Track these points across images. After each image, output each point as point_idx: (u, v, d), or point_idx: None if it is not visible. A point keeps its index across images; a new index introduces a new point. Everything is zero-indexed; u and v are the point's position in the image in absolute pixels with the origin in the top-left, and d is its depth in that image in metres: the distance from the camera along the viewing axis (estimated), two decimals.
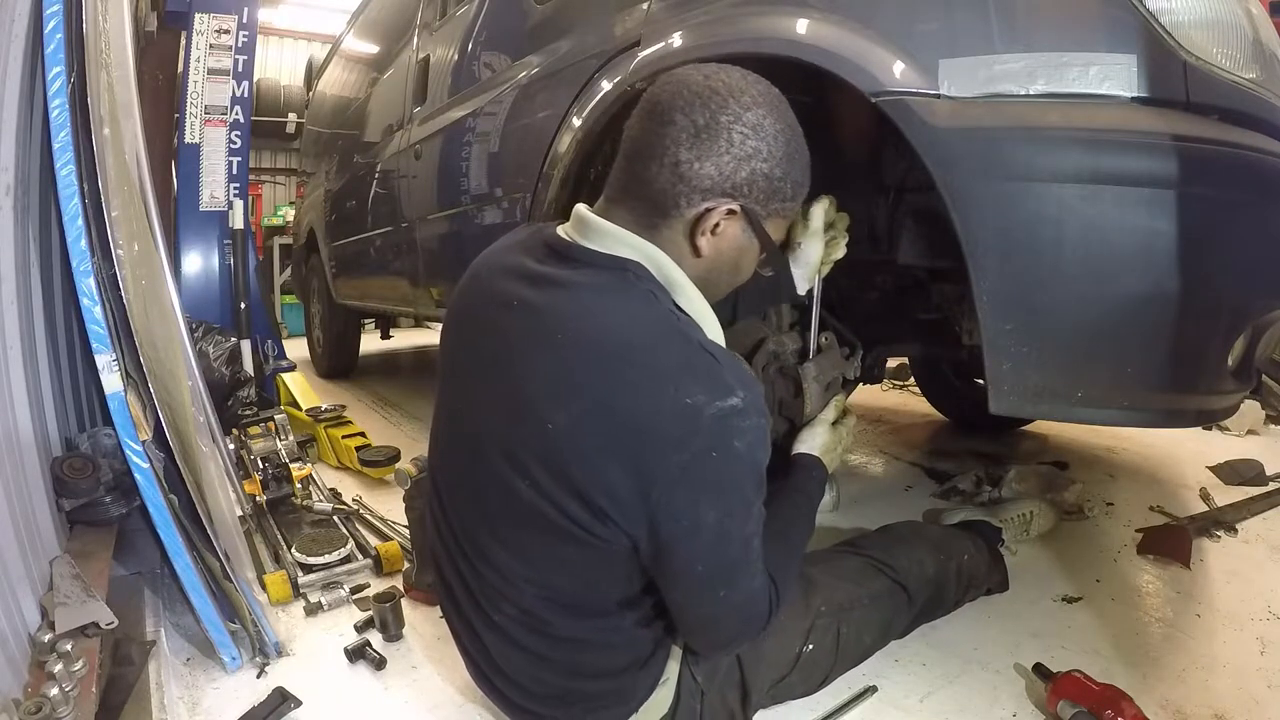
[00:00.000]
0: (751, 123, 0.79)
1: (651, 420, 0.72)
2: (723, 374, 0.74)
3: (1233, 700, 1.07)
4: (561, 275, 0.81)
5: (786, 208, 0.85)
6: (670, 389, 0.72)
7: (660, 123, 0.79)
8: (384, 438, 2.43)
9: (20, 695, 0.96)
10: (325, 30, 6.54)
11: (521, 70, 1.82)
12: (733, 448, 0.73)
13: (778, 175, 0.81)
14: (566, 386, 0.76)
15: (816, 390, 1.21)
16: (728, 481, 0.75)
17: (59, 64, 1.35)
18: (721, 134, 0.78)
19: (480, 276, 0.91)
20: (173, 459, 1.30)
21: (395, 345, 5.27)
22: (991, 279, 0.94)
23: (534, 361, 0.78)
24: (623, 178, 0.84)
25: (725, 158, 0.78)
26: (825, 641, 1.04)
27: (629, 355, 0.74)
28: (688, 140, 0.78)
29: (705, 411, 0.71)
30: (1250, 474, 1.98)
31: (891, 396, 3.15)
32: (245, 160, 3.10)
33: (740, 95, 0.79)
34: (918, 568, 1.18)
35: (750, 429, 0.74)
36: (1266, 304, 1.01)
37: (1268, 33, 1.01)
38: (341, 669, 1.22)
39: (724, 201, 0.80)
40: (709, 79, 0.80)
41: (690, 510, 0.74)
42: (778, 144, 0.81)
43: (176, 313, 1.52)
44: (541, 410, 0.76)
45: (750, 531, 0.79)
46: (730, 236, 0.83)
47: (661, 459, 0.72)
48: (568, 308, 0.79)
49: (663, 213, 0.81)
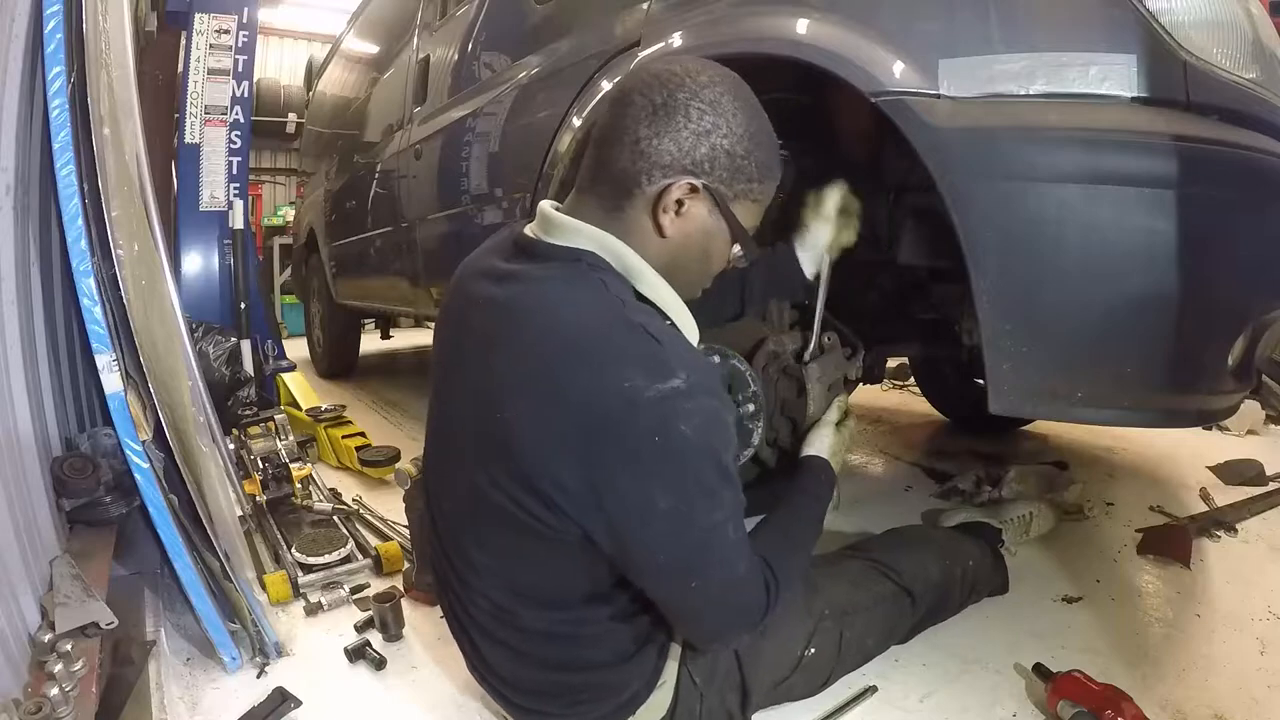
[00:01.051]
0: (709, 99, 0.79)
1: (592, 407, 0.72)
2: (663, 356, 0.73)
3: (1233, 700, 1.07)
4: (522, 270, 0.83)
5: (754, 189, 0.84)
6: (610, 374, 0.72)
7: (622, 105, 0.81)
8: (384, 438, 2.42)
9: (20, 695, 0.96)
10: (325, 30, 6.53)
11: (521, 70, 1.82)
12: (677, 431, 0.71)
13: (739, 153, 0.81)
14: (517, 380, 0.77)
15: (820, 390, 1.21)
16: (676, 466, 0.73)
17: (59, 64, 1.35)
18: (679, 110, 0.79)
19: (460, 280, 0.93)
20: (173, 459, 1.30)
21: (395, 345, 5.27)
22: (991, 279, 0.94)
23: (492, 357, 0.80)
24: (590, 165, 0.85)
25: (684, 133, 0.79)
26: (827, 645, 1.04)
27: (571, 343, 0.74)
28: (646, 118, 0.79)
29: (644, 394, 0.70)
30: (1250, 474, 1.98)
31: (891, 396, 3.15)
32: (245, 160, 3.10)
33: (697, 75, 0.80)
34: (922, 572, 1.17)
35: (696, 411, 0.72)
36: (1266, 304, 1.00)
37: (1268, 33, 1.01)
38: (341, 669, 1.22)
39: (684, 177, 0.80)
40: (669, 64, 0.82)
41: (639, 498, 0.73)
42: (737, 120, 0.81)
43: (176, 313, 1.52)
44: (497, 405, 0.77)
45: (718, 519, 0.77)
46: (695, 218, 0.83)
47: (604, 446, 0.72)
48: (523, 302, 0.80)
49: (626, 192, 0.81)
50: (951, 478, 1.94)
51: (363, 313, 3.79)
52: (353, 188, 3.21)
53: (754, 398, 1.18)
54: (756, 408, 1.18)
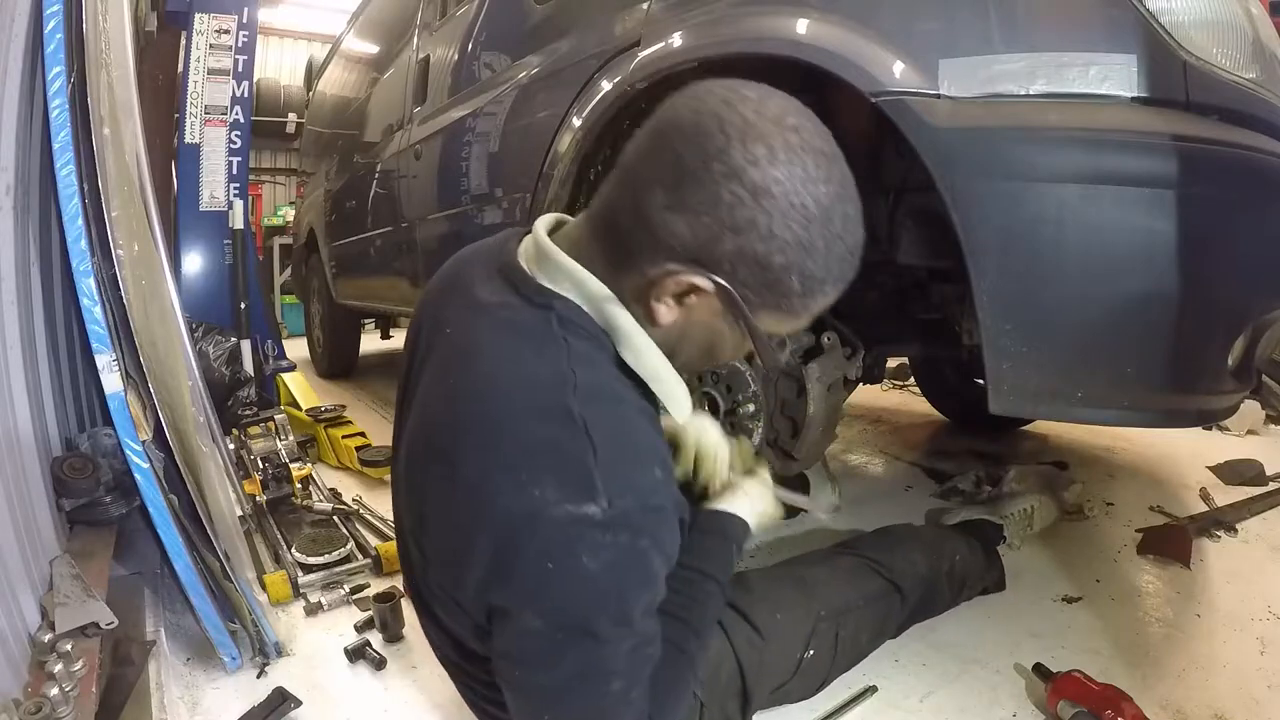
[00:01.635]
0: (753, 184, 0.58)
1: (490, 501, 0.60)
2: (590, 470, 0.58)
3: (1233, 700, 1.07)
4: (490, 303, 0.70)
5: (791, 304, 0.63)
6: (521, 472, 0.59)
7: (650, 147, 0.63)
8: (384, 438, 2.42)
9: (20, 695, 0.96)
10: (325, 30, 6.54)
11: (521, 70, 1.82)
12: (578, 562, 0.58)
13: (778, 263, 0.60)
14: (435, 441, 0.67)
15: (820, 391, 1.21)
16: (561, 599, 0.60)
17: (59, 64, 1.35)
18: (706, 186, 0.58)
19: (441, 282, 0.84)
20: (173, 459, 1.30)
21: (395, 345, 5.26)
22: (991, 279, 0.94)
23: (424, 402, 0.72)
24: (605, 195, 0.68)
25: (705, 219, 0.59)
26: (825, 646, 1.03)
27: (496, 420, 0.62)
28: (669, 180, 0.60)
29: (549, 511, 0.58)
30: (1250, 474, 1.98)
31: (891, 396, 3.15)
32: (245, 160, 3.10)
33: (752, 144, 0.58)
34: (911, 567, 1.17)
35: (610, 546, 0.58)
36: (1266, 304, 1.00)
37: (1268, 33, 1.01)
38: (341, 669, 1.22)
39: (692, 271, 0.61)
40: (728, 106, 0.60)
41: (515, 611, 0.62)
42: (787, 223, 0.59)
43: (176, 313, 1.52)
44: (417, 460, 0.71)
45: (601, 670, 0.63)
46: (702, 314, 0.66)
47: (486, 544, 0.61)
48: (469, 348, 0.68)
49: (630, 257, 0.65)
50: (951, 478, 1.94)
51: (363, 313, 3.79)
52: (353, 188, 3.21)
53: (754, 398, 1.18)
54: (756, 408, 1.19)
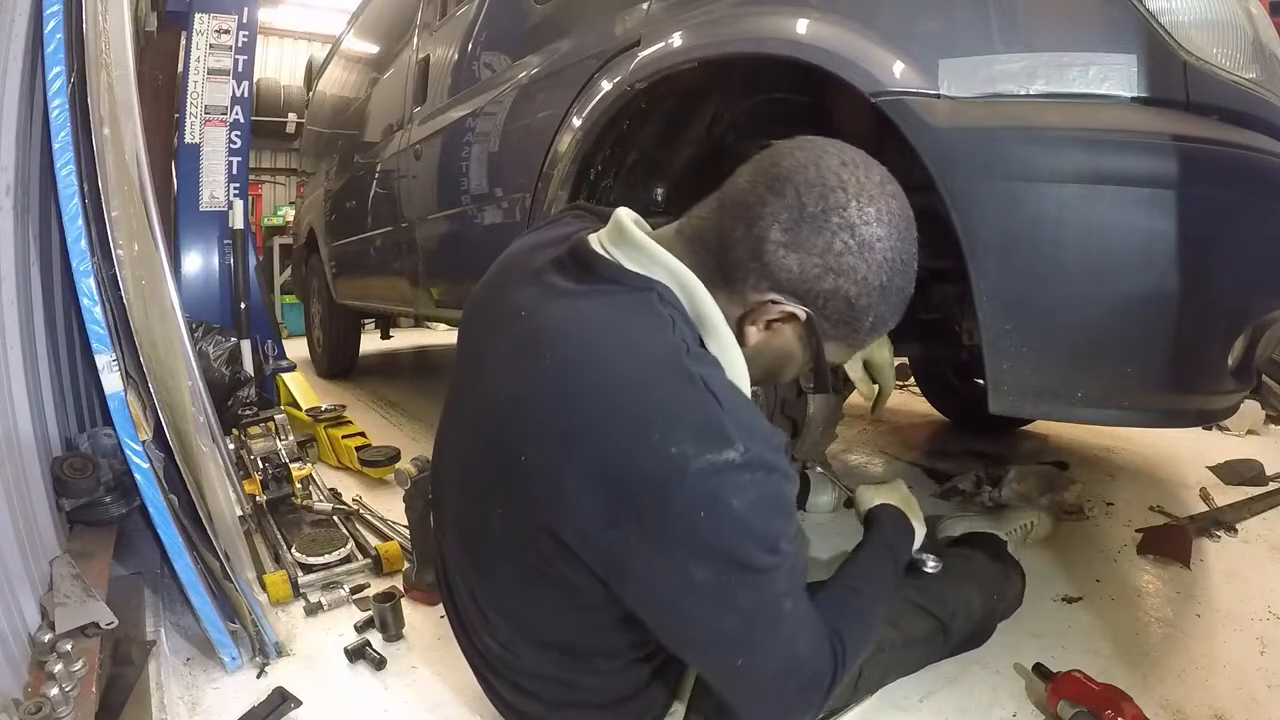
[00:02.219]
0: (863, 239, 0.69)
1: (629, 467, 0.63)
2: (720, 419, 0.64)
3: (1233, 700, 1.07)
4: (576, 289, 0.74)
5: (856, 339, 0.76)
6: (655, 434, 0.63)
7: (770, 188, 0.70)
8: (384, 438, 2.42)
9: (20, 695, 0.96)
10: (325, 30, 6.54)
11: (521, 70, 1.82)
12: (728, 506, 0.63)
13: (861, 305, 0.72)
14: (542, 417, 0.69)
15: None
16: (720, 543, 0.64)
17: (59, 64, 1.35)
18: (824, 233, 0.69)
19: (504, 270, 0.86)
20: (173, 459, 1.30)
21: (395, 345, 5.27)
22: (991, 279, 0.94)
23: (515, 382, 0.72)
24: (708, 221, 0.75)
25: (815, 260, 0.69)
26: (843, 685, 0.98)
27: (615, 387, 0.66)
28: (787, 220, 0.69)
29: (692, 464, 0.62)
30: (1250, 474, 1.98)
31: (891, 397, 3.15)
32: (245, 160, 3.10)
33: (865, 205, 0.69)
34: (964, 608, 1.09)
35: (751, 484, 0.63)
36: (1266, 304, 1.00)
37: (1268, 33, 1.01)
38: (341, 669, 1.22)
39: (792, 304, 0.71)
40: (844, 167, 0.70)
41: (674, 570, 0.65)
42: (878, 271, 0.71)
43: (176, 313, 1.52)
44: (516, 442, 0.70)
45: (769, 595, 0.68)
46: (783, 338, 0.75)
47: (640, 512, 0.64)
48: (564, 325, 0.71)
49: (728, 280, 0.73)
50: (951, 478, 1.94)
51: (363, 313, 3.80)
52: (353, 188, 3.21)
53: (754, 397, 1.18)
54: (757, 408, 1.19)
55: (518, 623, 0.82)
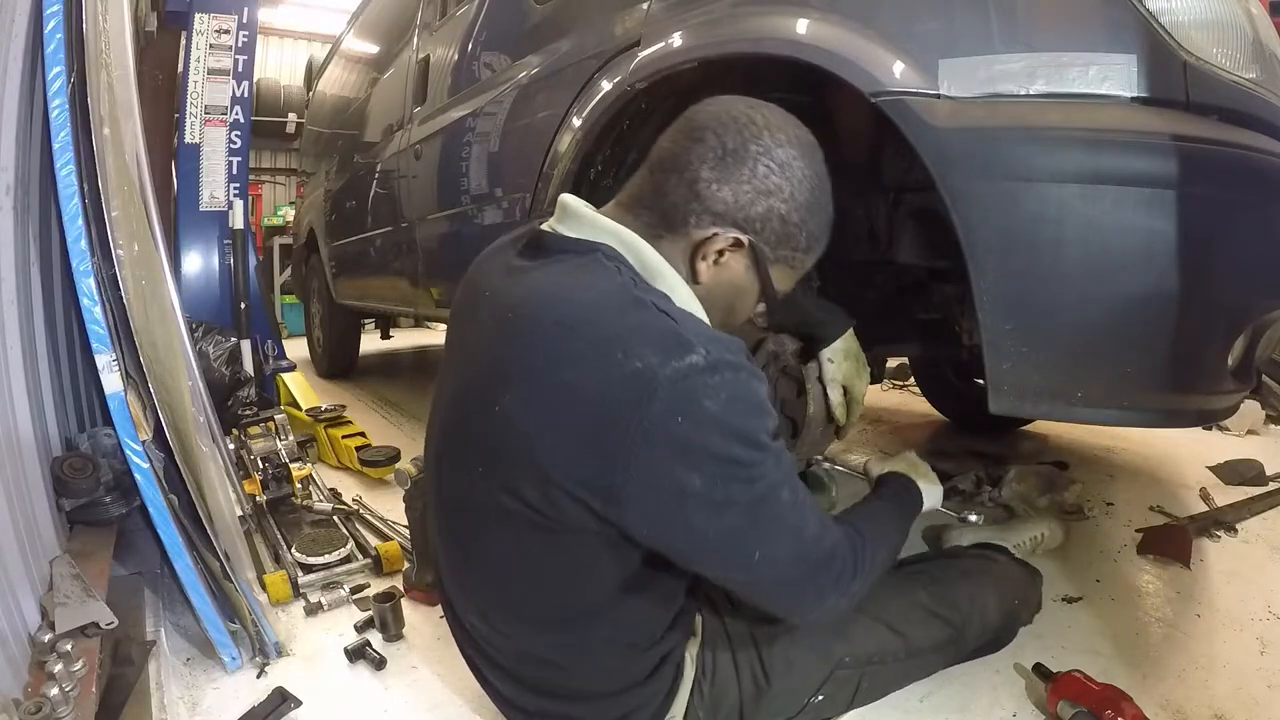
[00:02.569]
0: (780, 160, 0.78)
1: (600, 390, 0.67)
2: (679, 331, 0.69)
3: (1233, 700, 1.07)
4: (532, 264, 0.81)
5: (796, 258, 0.83)
6: (617, 354, 0.67)
7: (691, 139, 0.78)
8: (384, 438, 2.42)
9: (20, 695, 0.96)
10: (325, 30, 6.54)
11: (521, 70, 1.82)
12: (701, 407, 0.66)
13: (794, 220, 0.80)
14: (512, 367, 0.73)
15: (819, 390, 1.21)
16: (704, 444, 0.68)
17: (59, 64, 1.35)
18: (747, 162, 0.77)
19: (472, 274, 0.91)
20: (173, 459, 1.30)
21: (395, 345, 5.27)
22: (991, 279, 0.94)
23: (483, 346, 0.78)
24: (640, 185, 0.83)
25: (745, 187, 0.77)
26: (840, 693, 0.96)
27: (572, 324, 0.71)
28: (713, 160, 0.77)
29: (660, 373, 0.66)
30: (1250, 474, 1.98)
31: (891, 396, 3.15)
32: (245, 160, 3.11)
33: (775, 132, 0.78)
34: (979, 615, 1.06)
35: (721, 385, 0.67)
36: (1266, 304, 1.00)
37: (1268, 33, 1.01)
38: (341, 669, 1.22)
39: (733, 231, 0.78)
40: (751, 109, 0.79)
41: (669, 482, 0.68)
42: (801, 189, 0.79)
43: (176, 313, 1.52)
44: (488, 395, 0.74)
45: (764, 488, 0.72)
46: (731, 270, 0.81)
47: (619, 431, 0.66)
48: (524, 291, 0.77)
49: (670, 226, 0.80)
50: (951, 478, 1.94)
51: (363, 313, 3.80)
52: (353, 188, 3.21)
53: None
54: None
55: (509, 595, 0.82)
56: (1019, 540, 1.46)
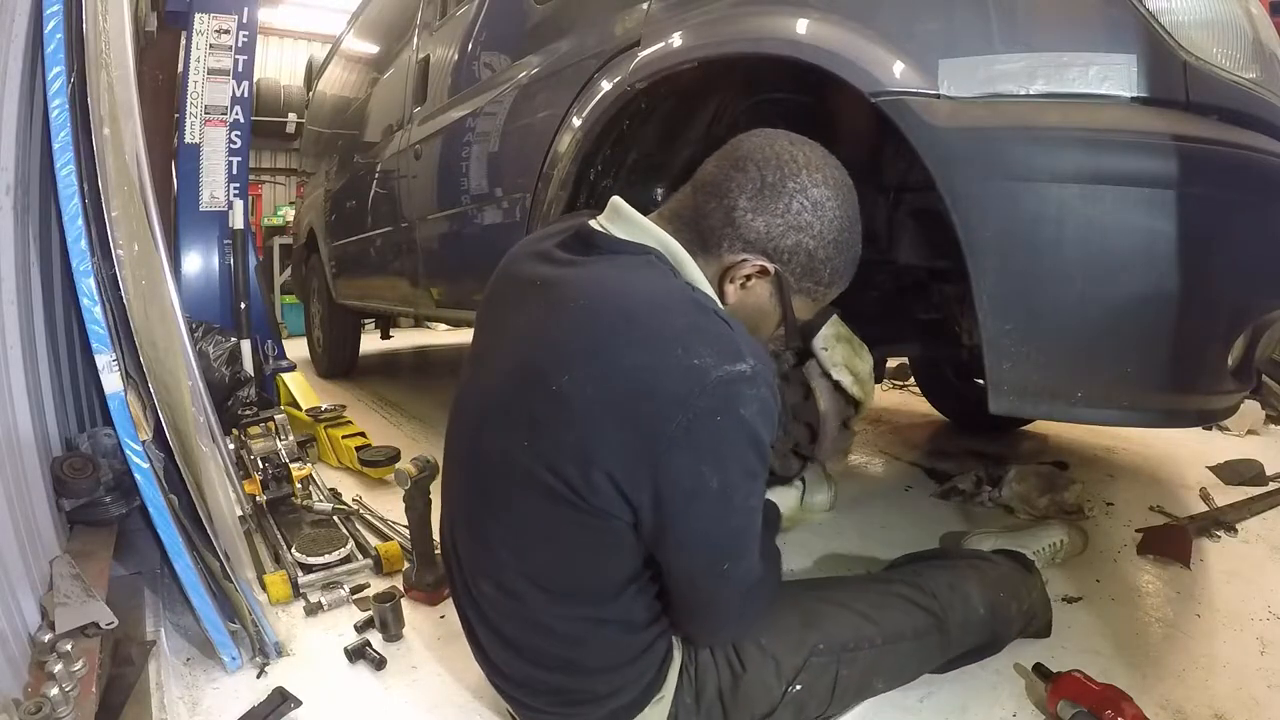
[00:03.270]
0: (815, 199, 0.83)
1: (656, 378, 0.72)
2: (734, 340, 0.74)
3: (1233, 700, 1.07)
4: (583, 259, 0.85)
5: (818, 290, 0.88)
6: (677, 349, 0.72)
7: (734, 167, 0.84)
8: (384, 438, 2.43)
9: (20, 695, 0.96)
10: (325, 30, 6.55)
11: (521, 70, 1.82)
12: (738, 414, 0.73)
13: (820, 256, 0.84)
14: (574, 349, 0.76)
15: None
16: (731, 448, 0.74)
17: (59, 64, 1.35)
18: (783, 197, 0.82)
19: (511, 262, 0.94)
20: (173, 459, 1.30)
21: (395, 345, 5.28)
22: (991, 279, 0.94)
23: (545, 328, 0.80)
24: (683, 202, 0.88)
25: (778, 220, 0.82)
26: (818, 684, 0.95)
27: (638, 316, 0.76)
28: (751, 190, 0.82)
29: (712, 373, 0.71)
30: (1250, 474, 1.98)
31: (891, 396, 3.15)
32: (245, 160, 3.10)
33: (814, 171, 0.83)
34: (961, 604, 1.05)
35: (756, 399, 0.74)
36: (1266, 304, 1.01)
37: (1268, 33, 1.01)
38: (341, 669, 1.22)
39: (761, 259, 0.83)
40: (793, 145, 0.84)
41: (692, 474, 0.74)
42: (831, 228, 0.84)
43: (176, 313, 1.52)
44: (548, 373, 0.77)
45: (753, 505, 0.80)
46: (757, 295, 0.87)
47: (664, 418, 0.72)
48: (584, 280, 0.81)
49: (705, 246, 0.85)
50: (951, 478, 1.94)
51: (363, 313, 3.80)
52: (353, 188, 3.21)
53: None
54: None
55: (530, 563, 0.84)
56: (1038, 547, 1.42)
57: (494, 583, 0.87)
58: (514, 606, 0.86)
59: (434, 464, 1.45)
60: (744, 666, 0.92)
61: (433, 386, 3.83)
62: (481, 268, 2.19)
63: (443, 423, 0.99)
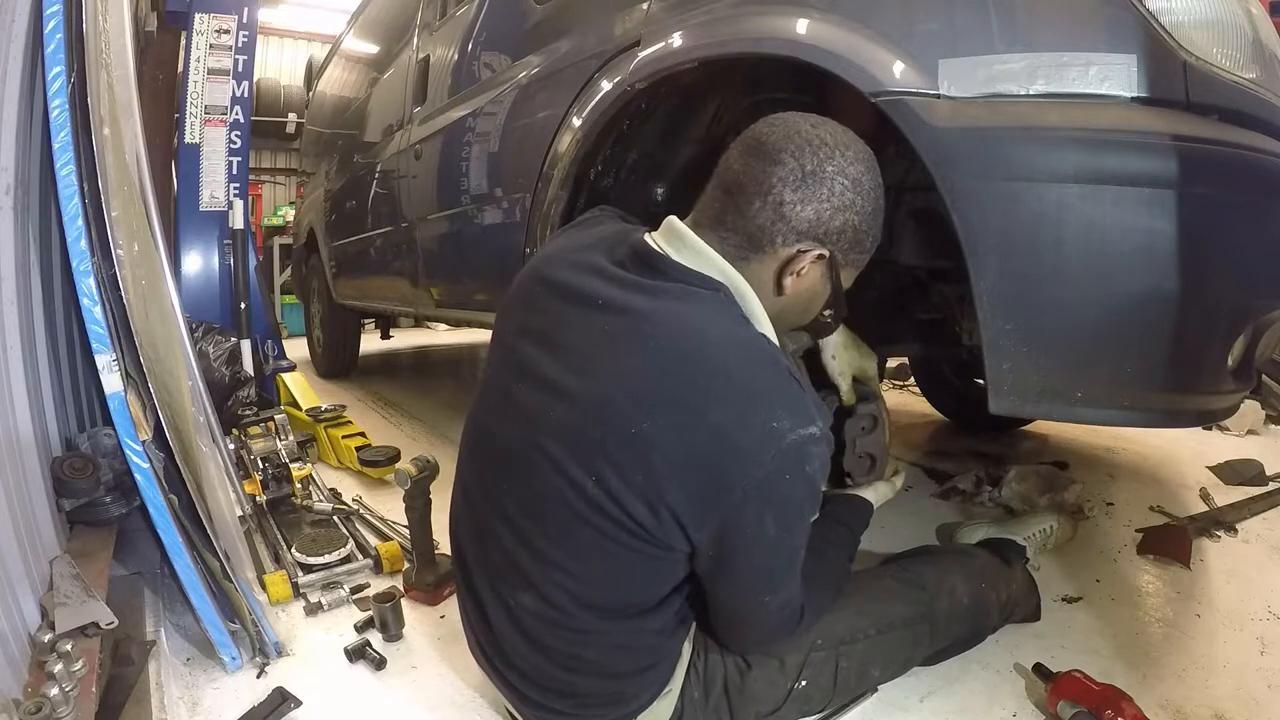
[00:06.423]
0: (853, 176, 0.85)
1: (738, 436, 0.75)
2: (806, 404, 0.78)
3: (1233, 700, 1.07)
4: (650, 284, 0.84)
5: (862, 260, 0.92)
6: (761, 411, 0.76)
7: (768, 161, 0.84)
8: (384, 438, 2.43)
9: (20, 695, 0.96)
10: (325, 30, 6.55)
11: (521, 70, 1.82)
12: (803, 471, 0.77)
13: (864, 229, 0.88)
14: (658, 395, 0.78)
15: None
16: (793, 500, 0.79)
17: (59, 64, 1.35)
18: (825, 182, 0.83)
19: (548, 265, 0.93)
20: (173, 459, 1.30)
21: (395, 345, 5.28)
22: (991, 279, 0.94)
23: (623, 363, 0.80)
24: (717, 208, 0.87)
25: (825, 205, 0.84)
26: (821, 677, 1.00)
27: (725, 372, 0.77)
28: (794, 182, 0.83)
29: (788, 436, 0.75)
30: (1250, 474, 1.98)
31: (891, 396, 3.15)
32: (245, 160, 3.10)
33: (845, 150, 0.85)
34: (947, 594, 1.10)
35: (818, 455, 0.78)
36: (1266, 304, 1.00)
37: (1268, 33, 1.01)
38: (341, 669, 1.22)
39: (816, 246, 0.85)
40: (816, 128, 0.85)
41: (756, 522, 0.78)
42: (869, 200, 0.87)
43: (176, 313, 1.52)
44: (629, 415, 0.78)
45: (799, 544, 0.85)
46: (811, 279, 0.88)
47: (740, 473, 0.75)
48: (661, 316, 0.81)
49: (757, 247, 0.86)
50: (951, 478, 1.94)
51: (363, 313, 3.80)
52: (353, 188, 3.21)
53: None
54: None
55: (582, 585, 0.85)
56: (1029, 533, 1.47)
57: (538, 595, 0.86)
58: (557, 617, 0.86)
59: (434, 464, 1.45)
60: (750, 665, 0.95)
61: (433, 386, 3.83)
62: (481, 268, 2.20)
63: (443, 423, 0.99)
